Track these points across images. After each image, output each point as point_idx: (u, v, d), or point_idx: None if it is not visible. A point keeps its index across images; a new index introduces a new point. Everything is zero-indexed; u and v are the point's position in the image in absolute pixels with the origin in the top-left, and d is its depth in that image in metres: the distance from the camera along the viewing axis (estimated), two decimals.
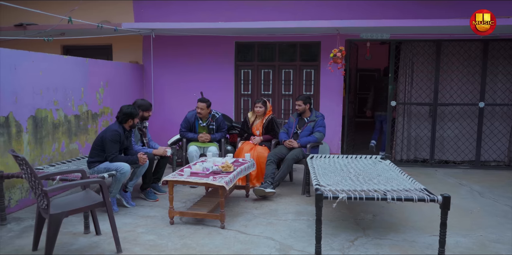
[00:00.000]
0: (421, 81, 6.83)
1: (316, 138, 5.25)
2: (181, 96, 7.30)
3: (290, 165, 5.08)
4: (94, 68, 5.82)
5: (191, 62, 7.29)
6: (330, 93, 6.99)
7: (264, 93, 7.30)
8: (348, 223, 4.03)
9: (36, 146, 4.65)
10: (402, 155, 7.00)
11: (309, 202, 4.66)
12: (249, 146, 5.48)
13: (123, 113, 4.35)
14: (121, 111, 4.38)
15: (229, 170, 4.19)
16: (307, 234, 3.72)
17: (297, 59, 7.17)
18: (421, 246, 3.48)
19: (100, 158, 4.30)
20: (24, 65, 4.49)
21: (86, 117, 5.64)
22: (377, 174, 4.10)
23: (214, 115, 5.69)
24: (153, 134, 6.96)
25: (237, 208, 4.48)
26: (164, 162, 5.15)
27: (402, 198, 3.11)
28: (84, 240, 3.56)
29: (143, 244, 3.49)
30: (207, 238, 3.63)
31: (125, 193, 4.55)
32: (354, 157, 5.00)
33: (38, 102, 4.70)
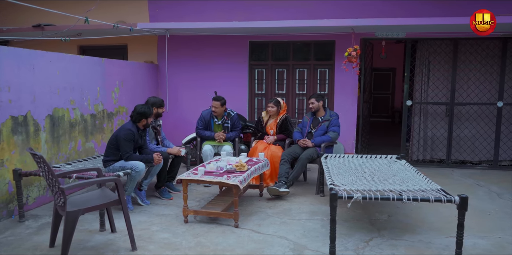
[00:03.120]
0: (438, 80, 6.73)
1: (331, 137, 5.22)
2: (195, 95, 7.33)
3: (304, 164, 5.05)
4: (110, 68, 5.88)
5: (205, 61, 7.31)
6: (345, 92, 6.94)
7: (278, 92, 7.28)
8: (363, 223, 3.99)
9: (53, 145, 4.73)
10: (418, 155, 6.91)
11: (323, 202, 4.64)
12: (263, 146, 5.48)
13: (137, 113, 4.38)
14: (135, 111, 4.41)
15: (243, 169, 4.19)
16: (321, 234, 3.70)
17: (311, 58, 7.13)
18: (438, 247, 3.43)
19: (115, 157, 4.34)
20: (42, 64, 4.56)
21: (102, 116, 5.70)
22: (393, 174, 4.06)
23: (229, 113, 5.70)
24: (167, 133, 7.01)
25: (251, 207, 4.48)
26: (178, 161, 5.17)
27: (418, 199, 3.07)
28: (100, 237, 3.60)
29: (158, 242, 3.52)
30: (221, 237, 3.64)
31: (140, 192, 4.59)
32: (369, 156, 4.96)
33: (55, 101, 4.77)
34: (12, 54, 4.15)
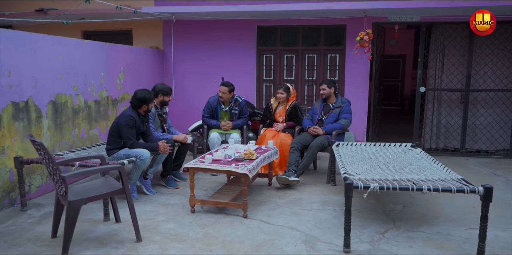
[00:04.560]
0: (453, 65, 6.48)
1: (342, 125, 5.03)
2: (202, 82, 7.14)
3: (314, 152, 4.88)
4: (114, 53, 5.70)
5: (212, 47, 7.11)
6: (356, 79, 6.72)
7: (287, 78, 7.07)
8: (377, 214, 3.83)
9: (56, 132, 4.59)
10: (431, 143, 6.71)
11: (334, 192, 4.47)
12: (272, 133, 5.30)
13: (137, 99, 4.21)
14: (134, 96, 4.24)
15: (251, 158, 4.03)
16: (333, 225, 3.54)
17: (321, 44, 6.90)
18: (457, 240, 3.26)
19: (117, 145, 4.19)
20: (43, 48, 4.39)
21: (106, 102, 5.55)
22: (409, 163, 3.87)
23: (236, 100, 5.51)
24: (174, 120, 6.85)
25: (260, 197, 4.33)
26: (184, 149, 5.02)
27: (439, 189, 2.89)
28: (104, 227, 3.48)
29: (164, 232, 3.38)
30: (229, 227, 3.49)
31: (145, 180, 4.45)
32: (383, 145, 4.76)
33: (58, 87, 4.62)
34: (12, 37, 3.98)
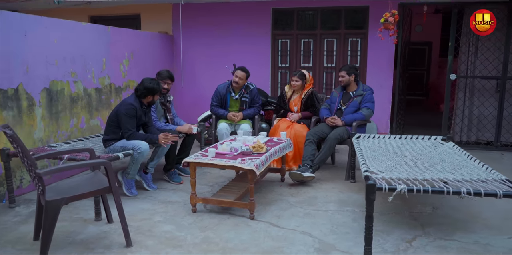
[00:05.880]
0: (488, 50, 5.85)
1: (364, 115, 4.54)
2: (212, 69, 6.71)
3: (332, 146, 4.41)
4: (117, 38, 5.32)
5: (224, 32, 6.65)
6: (379, 65, 6.18)
7: (304, 65, 6.57)
8: (403, 217, 3.35)
9: (51, 122, 4.24)
10: (462, 136, 6.14)
11: (354, 190, 4.00)
12: (285, 124, 4.85)
13: (144, 87, 3.80)
14: (142, 84, 3.84)
15: (261, 151, 3.60)
16: (352, 229, 3.09)
17: (341, 27, 6.37)
18: (499, 251, 2.77)
19: (115, 136, 3.82)
20: (36, 31, 4.03)
21: (109, 90, 5.19)
22: (440, 159, 3.37)
23: (248, 86, 5.05)
24: (183, 110, 6.49)
25: (270, 195, 3.90)
26: (190, 140, 4.63)
27: (481, 193, 2.40)
28: (93, 229, 3.12)
29: (159, 236, 3.00)
30: (232, 231, 3.08)
31: (146, 175, 4.08)
32: (409, 137, 4.25)
33: (52, 73, 4.26)
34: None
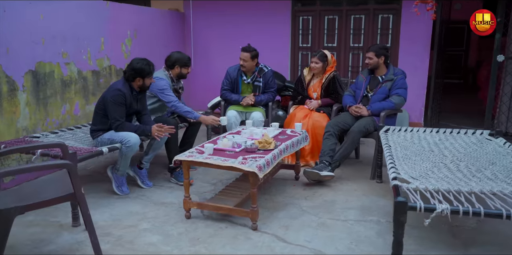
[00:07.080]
0: None
1: (394, 103, 3.87)
2: (226, 51, 6.11)
3: (355, 140, 3.78)
4: (118, 14, 4.80)
5: (240, 8, 6.03)
6: (414, 45, 5.43)
7: (328, 45, 5.88)
8: (439, 233, 2.73)
9: (37, 108, 3.80)
10: (508, 126, 5.36)
11: (380, 192, 3.39)
12: (303, 113, 4.24)
13: (132, 68, 3.28)
14: (130, 65, 3.32)
15: (268, 148, 3.02)
16: (375, 247, 2.50)
17: (370, 2, 5.62)
18: None
19: (103, 126, 3.33)
20: (17, 7, 3.54)
21: (108, 73, 4.70)
22: (489, 162, 2.72)
23: (261, 69, 4.45)
24: (194, 95, 5.98)
25: (280, 197, 3.35)
26: (194, 130, 4.11)
27: None
28: (67, 237, 2.65)
29: (139, 250, 2.50)
30: (229, 245, 2.55)
31: (140, 170, 3.59)
32: (449, 132, 3.58)
33: (39, 53, 3.79)
34: None
